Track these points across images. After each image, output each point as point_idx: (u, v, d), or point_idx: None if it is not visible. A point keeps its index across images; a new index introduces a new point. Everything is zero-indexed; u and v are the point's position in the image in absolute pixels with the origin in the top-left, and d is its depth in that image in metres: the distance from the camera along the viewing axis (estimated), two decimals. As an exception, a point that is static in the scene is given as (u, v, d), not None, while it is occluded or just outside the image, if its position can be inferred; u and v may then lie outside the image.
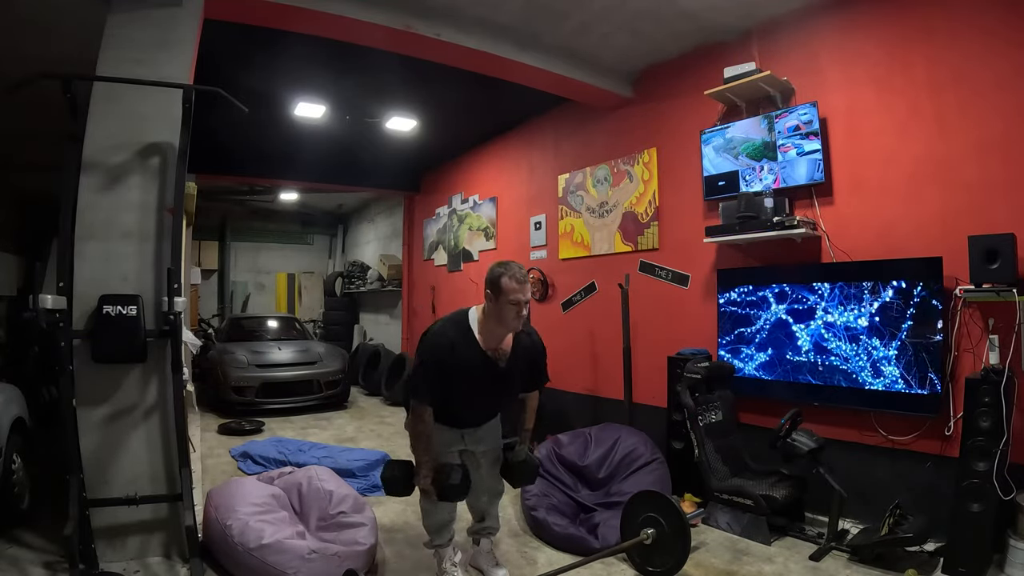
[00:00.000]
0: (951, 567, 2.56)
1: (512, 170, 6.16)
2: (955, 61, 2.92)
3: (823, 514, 3.08)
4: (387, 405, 7.04)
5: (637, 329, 4.35)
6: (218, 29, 3.24)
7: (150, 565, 2.69)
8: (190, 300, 5.34)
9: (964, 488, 2.54)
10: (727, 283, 3.78)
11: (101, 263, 2.72)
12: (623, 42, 4.01)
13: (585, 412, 4.87)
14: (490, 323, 2.35)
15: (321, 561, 2.53)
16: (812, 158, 3.37)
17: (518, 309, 2.28)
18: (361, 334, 10.28)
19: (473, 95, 5.09)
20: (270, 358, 6.70)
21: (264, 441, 4.93)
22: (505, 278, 2.26)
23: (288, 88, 4.99)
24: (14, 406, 3.21)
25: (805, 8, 3.47)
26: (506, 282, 2.26)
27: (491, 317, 2.33)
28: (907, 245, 3.05)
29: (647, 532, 2.65)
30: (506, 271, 2.28)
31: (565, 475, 3.50)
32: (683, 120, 4.18)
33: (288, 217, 11.70)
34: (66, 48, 3.45)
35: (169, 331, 2.72)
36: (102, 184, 2.76)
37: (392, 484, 2.48)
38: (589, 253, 5.03)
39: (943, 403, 2.89)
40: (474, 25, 3.71)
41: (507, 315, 2.29)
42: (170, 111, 2.80)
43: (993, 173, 2.79)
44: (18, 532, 2.91)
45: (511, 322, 2.31)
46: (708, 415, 3.40)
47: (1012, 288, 2.56)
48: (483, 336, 2.36)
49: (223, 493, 2.92)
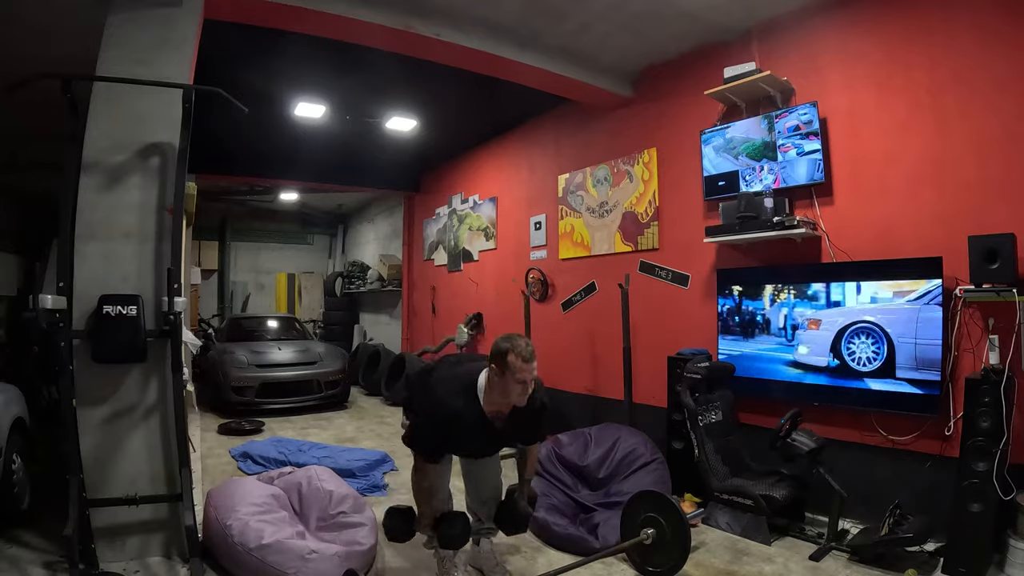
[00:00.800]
0: (951, 567, 2.56)
1: (512, 170, 6.16)
2: (955, 61, 2.92)
3: (823, 514, 3.07)
4: (387, 405, 7.04)
5: (637, 329, 4.35)
6: (218, 29, 3.24)
7: (150, 565, 2.69)
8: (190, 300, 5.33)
9: (964, 488, 2.54)
10: (727, 283, 3.78)
11: (101, 263, 2.72)
12: (623, 42, 4.01)
13: (585, 412, 4.87)
14: (494, 393, 2.29)
15: (321, 561, 2.52)
16: (812, 158, 3.37)
17: (523, 387, 2.23)
18: (361, 334, 10.28)
19: (473, 95, 5.09)
20: (270, 358, 6.70)
21: (264, 441, 4.93)
22: (511, 356, 2.19)
23: (288, 88, 4.99)
24: (14, 406, 3.21)
25: (805, 8, 3.47)
26: (512, 360, 2.18)
27: (496, 388, 2.28)
28: (907, 245, 3.05)
29: (647, 532, 2.65)
30: (512, 348, 2.19)
31: (565, 475, 3.50)
32: (683, 120, 4.18)
33: (288, 217, 11.70)
34: (66, 48, 3.45)
35: (169, 331, 2.72)
36: (102, 184, 2.76)
37: (394, 532, 2.53)
38: (589, 253, 5.03)
39: (943, 403, 2.89)
40: (474, 25, 3.71)
41: (512, 392, 2.24)
42: (170, 111, 2.80)
43: (993, 173, 2.79)
44: (18, 532, 2.91)
45: (516, 398, 2.27)
46: (708, 415, 3.40)
47: (1012, 288, 2.56)
48: (487, 403, 2.33)
49: (223, 493, 2.92)
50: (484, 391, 2.32)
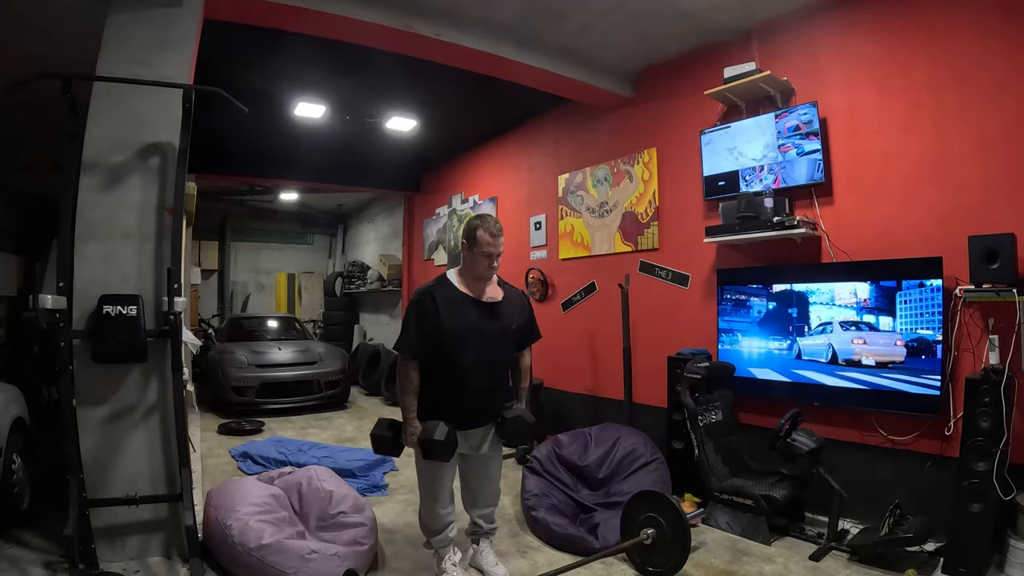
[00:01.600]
0: (951, 567, 2.56)
1: (512, 170, 6.16)
2: (955, 61, 2.92)
3: (823, 514, 3.08)
4: (387, 405, 7.04)
5: (637, 329, 4.35)
6: (218, 29, 3.24)
7: (150, 565, 2.69)
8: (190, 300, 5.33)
9: (964, 488, 2.54)
10: (727, 283, 3.78)
11: (101, 263, 2.72)
12: (623, 42, 4.01)
13: (585, 412, 4.87)
14: (467, 275, 2.51)
15: (321, 561, 2.52)
16: (812, 158, 3.37)
17: (490, 260, 2.45)
18: (361, 334, 10.28)
19: (473, 95, 5.09)
20: (270, 358, 6.70)
21: (264, 441, 4.94)
22: (480, 231, 2.43)
23: (288, 88, 4.99)
24: (14, 406, 3.21)
25: (805, 8, 3.47)
26: (481, 234, 2.43)
27: (467, 269, 2.51)
28: (907, 245, 3.05)
29: (647, 532, 2.65)
30: (482, 224, 2.45)
31: (565, 475, 3.50)
32: (683, 120, 4.18)
33: (288, 217, 11.70)
34: (66, 48, 3.45)
35: (169, 331, 2.72)
36: (102, 184, 2.76)
37: (380, 441, 2.56)
38: (589, 253, 5.03)
39: (943, 403, 2.89)
40: (474, 25, 3.71)
41: (480, 265, 2.46)
42: (170, 111, 2.80)
43: (993, 173, 2.79)
44: (18, 532, 2.91)
45: (483, 272, 2.47)
46: (708, 415, 3.41)
47: (1012, 288, 2.56)
48: (465, 288, 2.49)
49: (223, 493, 2.92)
50: (456, 275, 2.54)
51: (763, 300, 3.60)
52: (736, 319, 3.72)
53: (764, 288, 3.59)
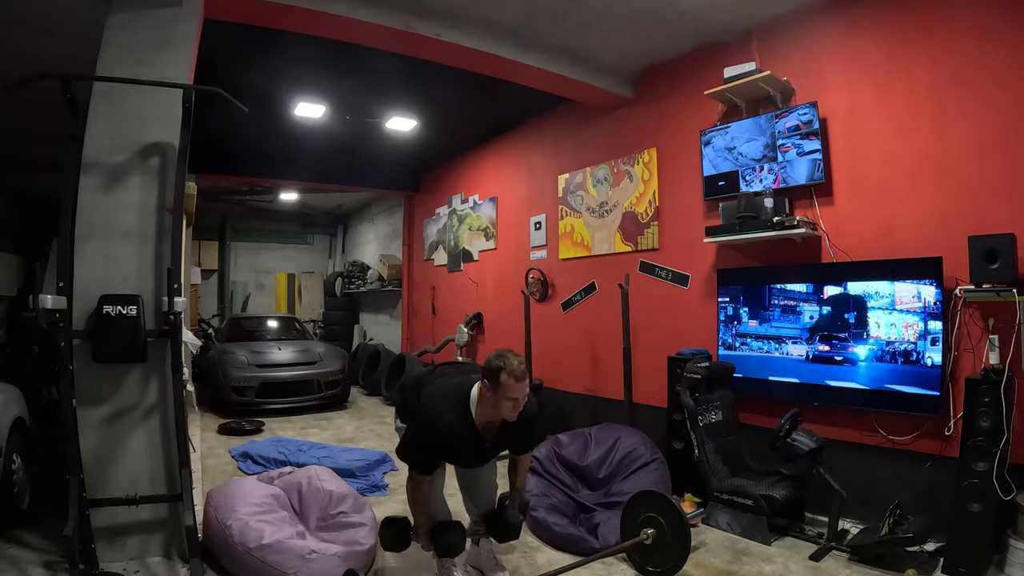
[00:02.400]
0: (951, 567, 2.56)
1: (512, 170, 6.15)
2: (955, 61, 2.92)
3: (823, 514, 3.07)
4: (387, 405, 7.04)
5: (637, 329, 4.35)
6: (218, 29, 3.24)
7: (150, 565, 2.69)
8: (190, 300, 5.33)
9: (964, 488, 2.54)
10: (727, 283, 3.78)
11: (101, 263, 2.72)
12: (623, 42, 4.01)
13: (585, 412, 4.87)
14: (486, 407, 2.34)
15: (321, 561, 2.52)
16: (812, 158, 3.37)
17: (515, 404, 2.28)
18: (361, 334, 10.28)
19: (473, 95, 5.09)
20: (270, 358, 6.70)
21: (264, 441, 4.93)
22: (504, 374, 2.23)
23: (288, 88, 4.99)
24: (14, 406, 3.21)
25: (805, 8, 3.47)
26: (504, 379, 2.23)
27: (487, 403, 2.32)
28: (907, 245, 3.05)
29: (647, 532, 2.65)
30: (505, 367, 2.23)
31: (565, 475, 3.50)
32: (683, 120, 4.18)
33: (288, 217, 11.70)
34: (66, 48, 3.45)
35: (169, 331, 2.72)
36: (102, 184, 2.75)
37: (389, 542, 2.54)
38: (589, 253, 5.03)
39: (943, 403, 2.89)
40: (474, 25, 3.71)
41: (503, 409, 2.29)
42: (170, 111, 2.80)
43: (993, 173, 2.79)
44: (18, 532, 2.91)
45: (507, 414, 2.31)
46: (708, 415, 3.40)
47: (1012, 288, 2.56)
48: (479, 416, 2.36)
49: (223, 493, 2.92)
50: (476, 405, 2.35)
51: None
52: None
53: (764, 287, 3.57)
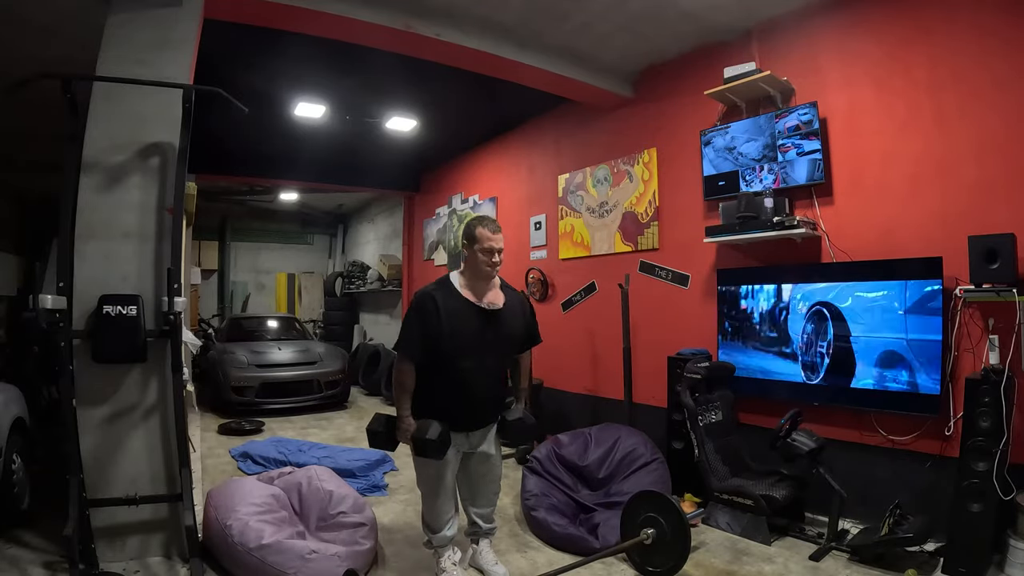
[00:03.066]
0: (951, 567, 2.56)
1: (512, 170, 6.15)
2: (955, 61, 2.92)
3: (823, 514, 3.07)
4: (387, 405, 7.03)
5: (637, 329, 4.35)
6: (218, 29, 3.24)
7: (150, 565, 2.69)
8: (190, 300, 5.33)
9: (964, 488, 2.54)
10: (727, 283, 3.78)
11: (101, 263, 2.72)
12: (623, 42, 4.01)
13: (585, 412, 4.87)
14: (469, 276, 2.50)
15: (321, 561, 2.52)
16: (812, 158, 3.37)
17: (491, 257, 2.44)
18: (361, 334, 10.27)
19: (473, 95, 5.08)
20: (270, 358, 6.70)
21: (264, 441, 4.93)
22: (479, 228, 2.46)
23: (288, 88, 4.98)
24: (14, 406, 3.21)
25: (805, 8, 3.47)
26: (480, 231, 2.44)
27: (469, 269, 2.49)
28: (907, 245, 3.05)
29: (647, 532, 2.65)
30: (480, 222, 2.49)
31: (565, 475, 3.50)
32: (683, 120, 4.18)
33: (288, 217, 11.70)
34: (66, 48, 3.45)
35: (169, 331, 2.72)
36: (102, 184, 2.75)
37: (375, 436, 2.57)
38: (589, 253, 5.03)
39: (943, 403, 2.89)
40: (474, 25, 3.71)
41: (481, 263, 2.44)
42: (170, 111, 2.80)
43: (993, 173, 2.79)
44: (18, 532, 2.91)
45: (485, 269, 2.46)
46: (708, 415, 3.40)
47: (1012, 288, 2.56)
48: (467, 291, 2.47)
49: (223, 493, 2.92)
50: (460, 280, 2.51)
51: (763, 299, 3.57)
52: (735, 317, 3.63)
53: (764, 287, 3.57)
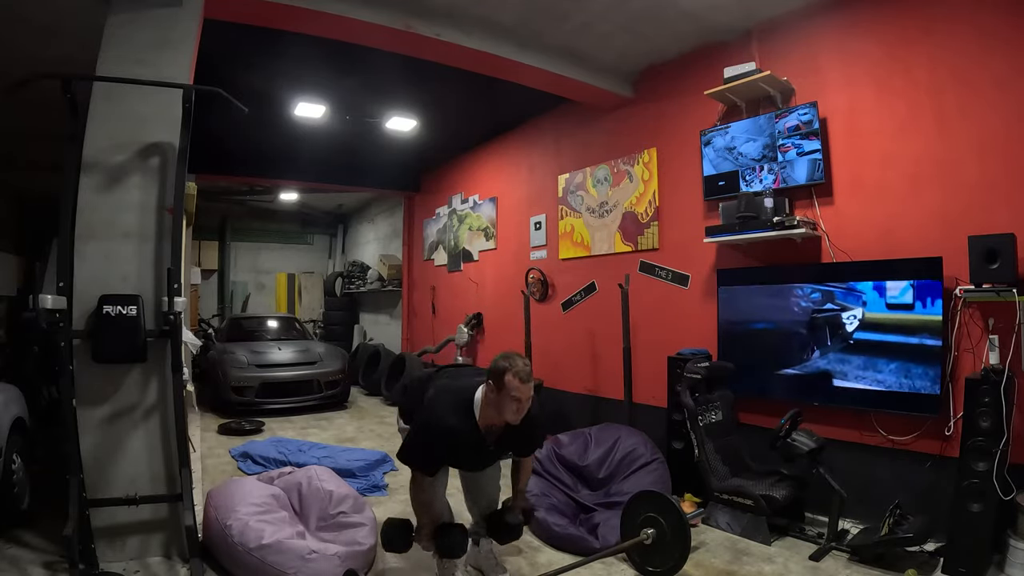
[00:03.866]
0: (951, 567, 2.56)
1: (512, 170, 6.16)
2: (955, 61, 2.92)
3: (823, 514, 3.07)
4: (387, 405, 7.04)
5: (637, 329, 4.35)
6: (218, 29, 3.24)
7: (150, 565, 2.69)
8: (190, 300, 5.33)
9: (964, 488, 2.54)
10: (727, 283, 3.78)
11: (101, 263, 2.72)
12: (623, 42, 4.01)
13: (585, 412, 4.87)
14: (489, 409, 2.32)
15: (321, 561, 2.52)
16: (812, 158, 3.37)
17: (519, 406, 2.26)
18: (361, 334, 10.28)
19: (473, 95, 5.09)
20: (270, 358, 6.70)
21: (264, 441, 4.93)
22: (509, 375, 2.22)
23: (288, 88, 4.99)
24: (14, 406, 3.21)
25: (805, 8, 3.47)
26: (509, 379, 2.22)
27: (491, 405, 2.30)
28: (907, 245, 3.05)
29: (647, 532, 2.65)
30: (511, 367, 2.23)
31: (565, 475, 3.50)
32: (683, 120, 4.18)
33: (288, 217, 11.70)
34: (66, 48, 3.45)
35: (169, 331, 2.72)
36: (102, 184, 2.75)
37: (391, 544, 2.52)
38: (589, 253, 5.03)
39: (943, 403, 2.89)
40: (474, 25, 3.71)
41: (507, 410, 2.26)
42: (170, 111, 2.80)
43: (993, 173, 2.79)
44: (18, 532, 2.91)
45: (510, 416, 2.28)
46: (708, 415, 3.40)
47: (1012, 288, 2.56)
48: (482, 418, 2.35)
49: (223, 493, 2.92)
50: (479, 407, 2.34)
51: (763, 299, 3.55)
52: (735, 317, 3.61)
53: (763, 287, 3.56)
